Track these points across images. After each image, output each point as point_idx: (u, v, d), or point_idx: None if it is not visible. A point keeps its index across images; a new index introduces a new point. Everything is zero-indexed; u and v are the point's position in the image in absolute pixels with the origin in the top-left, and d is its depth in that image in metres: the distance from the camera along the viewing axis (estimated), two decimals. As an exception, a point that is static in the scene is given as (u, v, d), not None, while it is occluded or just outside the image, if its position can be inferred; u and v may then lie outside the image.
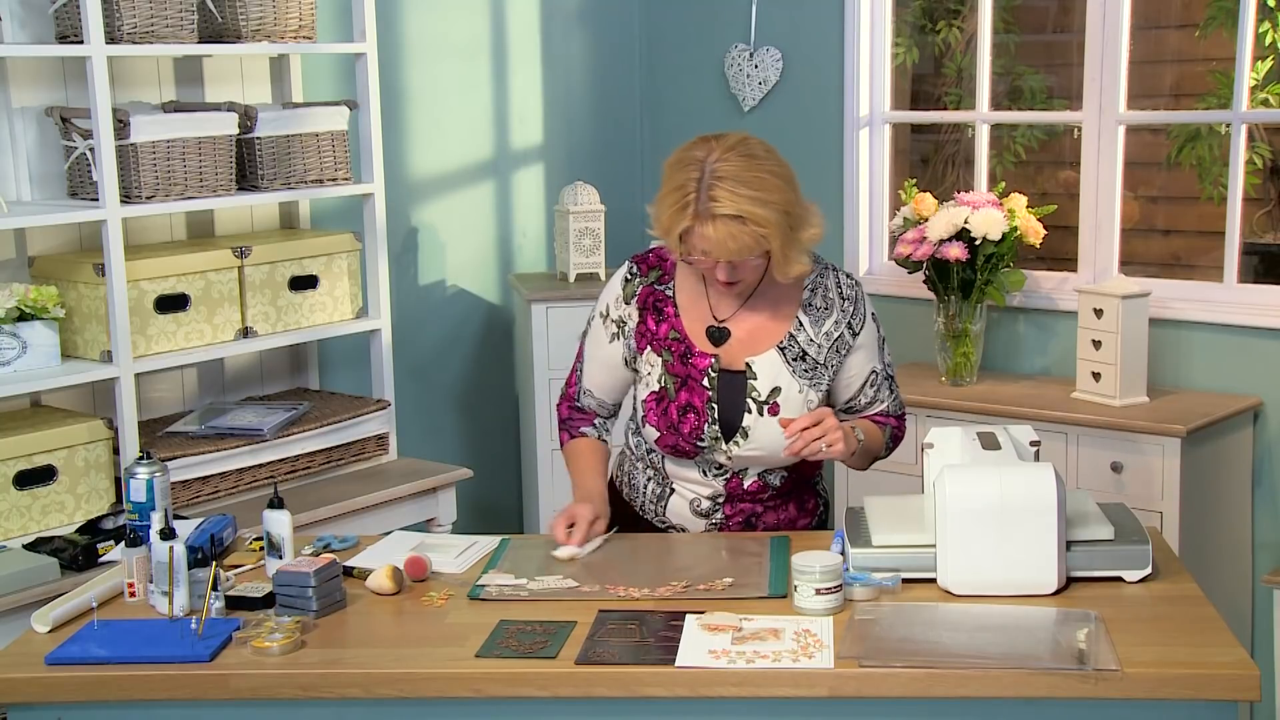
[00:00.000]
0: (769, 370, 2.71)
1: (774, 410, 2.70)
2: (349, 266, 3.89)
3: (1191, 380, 3.96)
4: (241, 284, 3.65)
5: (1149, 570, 2.43)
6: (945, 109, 5.30)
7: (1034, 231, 4.02)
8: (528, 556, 2.68)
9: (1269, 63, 4.53)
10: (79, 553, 3.05)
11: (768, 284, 2.74)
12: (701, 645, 2.22)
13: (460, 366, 4.66)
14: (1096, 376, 3.84)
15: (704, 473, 2.78)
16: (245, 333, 3.67)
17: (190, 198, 3.52)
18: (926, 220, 4.06)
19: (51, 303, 3.32)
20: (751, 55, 4.74)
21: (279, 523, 2.59)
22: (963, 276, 4.02)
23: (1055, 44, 5.47)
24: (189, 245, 3.72)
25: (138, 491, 2.68)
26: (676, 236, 2.59)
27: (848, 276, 2.81)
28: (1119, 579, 2.43)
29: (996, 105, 4.61)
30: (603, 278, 4.38)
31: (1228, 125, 4.09)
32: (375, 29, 3.91)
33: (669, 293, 2.78)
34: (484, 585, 2.53)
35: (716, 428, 2.71)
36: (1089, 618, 2.26)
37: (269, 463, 3.64)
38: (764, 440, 2.70)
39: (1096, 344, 3.83)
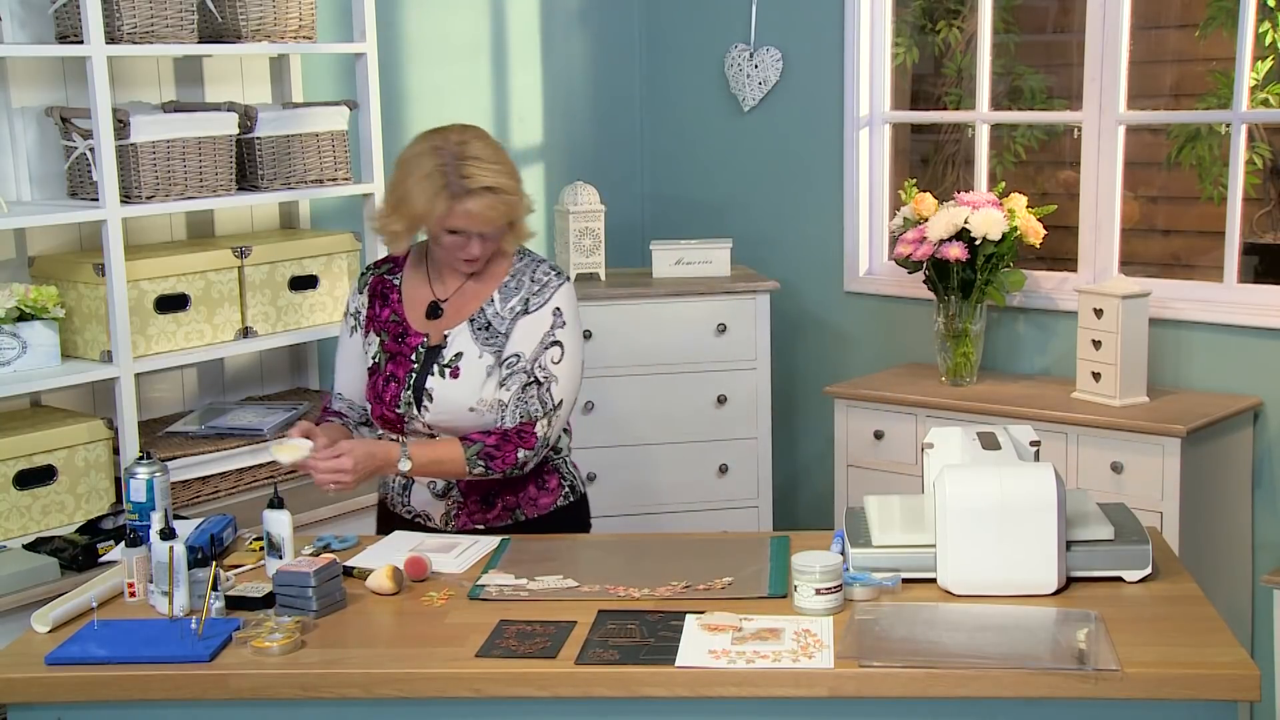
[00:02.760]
0: (458, 339, 2.89)
1: (455, 374, 2.85)
2: (349, 266, 3.89)
3: (1191, 380, 3.96)
4: (241, 284, 3.65)
5: (1149, 570, 2.43)
6: (945, 109, 5.30)
7: (1034, 231, 4.02)
8: (528, 556, 2.68)
9: (1269, 63, 4.53)
10: (79, 553, 3.05)
11: (482, 271, 2.92)
12: (701, 645, 2.22)
13: (460, 366, 4.66)
14: (1096, 376, 3.84)
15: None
16: (245, 333, 3.67)
17: (190, 198, 3.52)
18: (926, 220, 4.06)
19: (51, 303, 3.32)
20: (751, 55, 4.74)
21: (279, 523, 2.59)
22: (963, 276, 4.02)
23: (1055, 44, 5.47)
24: (189, 245, 3.72)
25: (138, 491, 2.68)
26: (435, 219, 2.77)
27: (552, 269, 2.93)
28: (1119, 579, 2.43)
29: (996, 105, 4.61)
30: (603, 277, 4.38)
31: (1228, 125, 4.09)
32: (375, 29, 3.91)
33: (396, 281, 2.99)
34: (484, 585, 2.53)
35: (410, 393, 2.87)
36: (1089, 618, 2.26)
37: (269, 463, 3.63)
38: (445, 403, 2.85)
39: (1096, 344, 3.83)
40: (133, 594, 2.53)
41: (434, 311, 2.93)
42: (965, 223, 3.96)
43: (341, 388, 3.03)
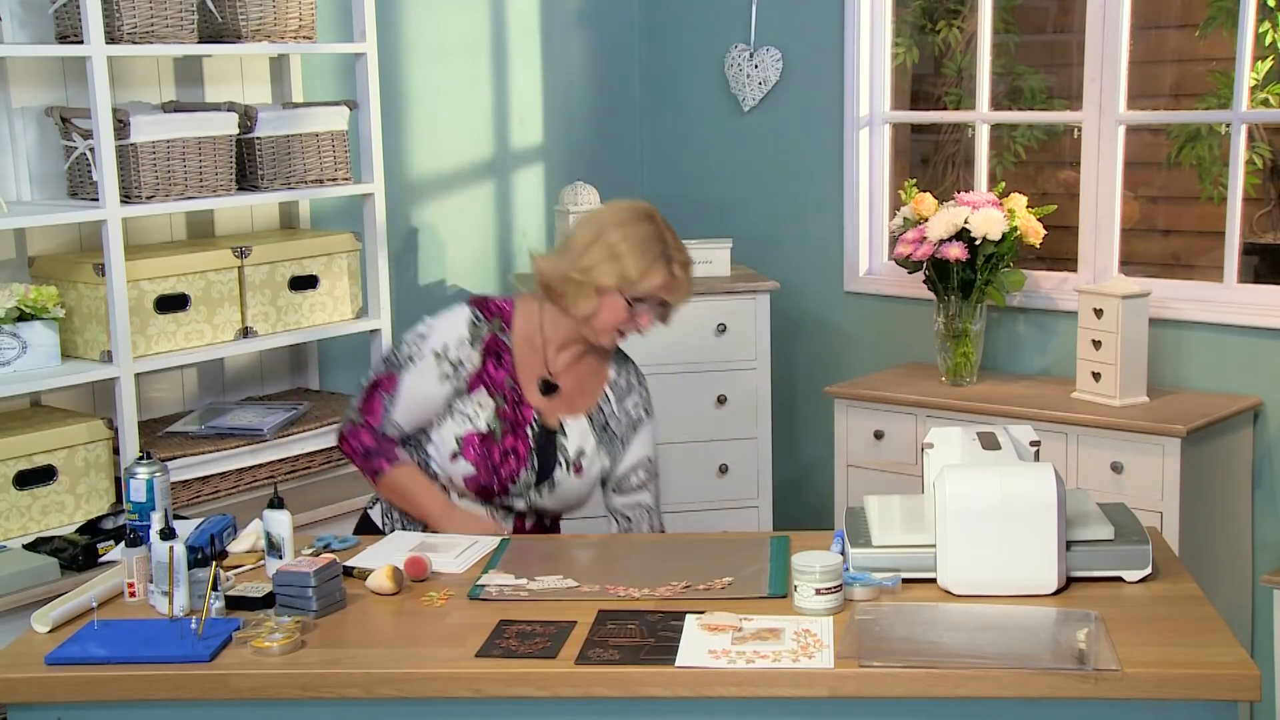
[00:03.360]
0: (578, 434, 2.93)
1: (579, 470, 2.92)
2: (349, 266, 3.89)
3: (1191, 380, 3.96)
4: (241, 284, 3.65)
5: (1149, 570, 2.43)
6: (945, 109, 5.30)
7: (1034, 231, 4.02)
8: (528, 556, 2.68)
9: (1269, 63, 4.53)
10: (79, 553, 3.05)
11: (591, 350, 2.94)
12: (701, 645, 2.22)
13: (460, 366, 4.66)
14: (1096, 376, 3.84)
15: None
16: (245, 333, 3.67)
17: (190, 198, 3.53)
18: (926, 220, 4.05)
19: (51, 303, 3.32)
20: (751, 55, 4.74)
21: (279, 523, 2.59)
22: (963, 276, 4.02)
23: (1055, 44, 5.47)
24: (189, 245, 3.72)
25: (138, 491, 2.68)
26: (649, 284, 2.79)
27: (638, 368, 3.04)
28: (1119, 579, 2.43)
29: (996, 105, 4.60)
30: (603, 278, 4.38)
31: (1228, 125, 4.09)
32: (375, 29, 3.91)
33: (508, 341, 2.91)
34: (484, 585, 2.53)
35: (533, 475, 2.88)
36: (1089, 618, 2.26)
37: (269, 463, 3.64)
38: (565, 495, 2.93)
39: (1096, 344, 3.83)
40: (133, 594, 2.52)
41: (549, 389, 2.91)
42: (965, 223, 3.96)
43: (402, 419, 2.86)
